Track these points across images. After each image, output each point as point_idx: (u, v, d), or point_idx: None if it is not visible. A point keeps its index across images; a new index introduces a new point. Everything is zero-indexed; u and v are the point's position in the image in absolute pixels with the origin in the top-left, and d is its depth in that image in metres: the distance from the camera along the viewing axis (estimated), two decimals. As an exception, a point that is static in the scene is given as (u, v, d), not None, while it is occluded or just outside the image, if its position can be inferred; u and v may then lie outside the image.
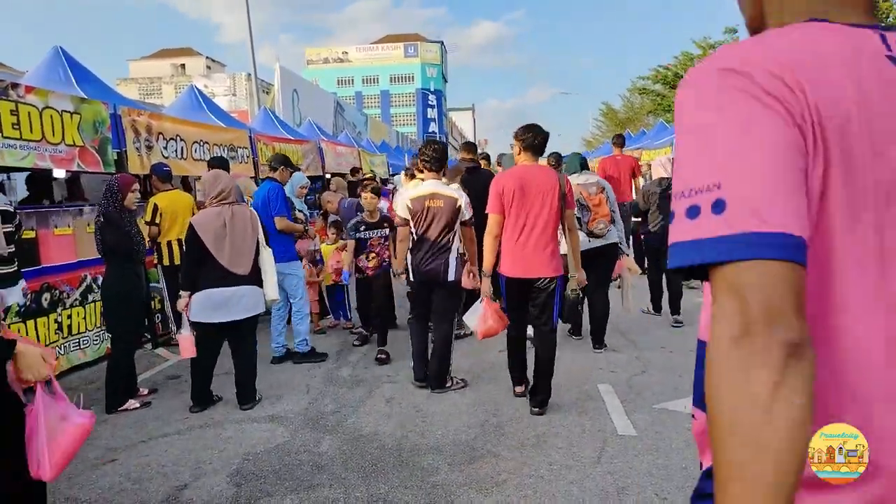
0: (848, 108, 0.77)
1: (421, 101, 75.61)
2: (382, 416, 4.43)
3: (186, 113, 8.87)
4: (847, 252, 0.79)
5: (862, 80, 0.78)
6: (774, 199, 0.72)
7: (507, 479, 3.41)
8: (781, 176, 0.73)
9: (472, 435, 4.03)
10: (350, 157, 13.47)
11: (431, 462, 3.66)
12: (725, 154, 0.75)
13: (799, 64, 0.77)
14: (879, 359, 0.80)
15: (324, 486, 3.41)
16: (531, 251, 4.24)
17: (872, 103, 0.78)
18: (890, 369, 0.80)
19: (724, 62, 0.80)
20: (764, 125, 0.75)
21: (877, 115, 0.78)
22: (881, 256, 0.79)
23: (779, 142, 0.74)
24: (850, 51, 0.80)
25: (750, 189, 0.73)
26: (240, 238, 4.58)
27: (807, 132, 0.76)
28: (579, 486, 3.30)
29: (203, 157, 7.38)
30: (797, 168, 0.74)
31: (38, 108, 5.16)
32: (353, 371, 5.53)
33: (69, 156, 5.50)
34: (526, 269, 4.27)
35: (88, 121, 5.71)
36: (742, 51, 0.81)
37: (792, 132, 0.75)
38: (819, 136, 0.76)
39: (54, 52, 7.17)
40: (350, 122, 25.76)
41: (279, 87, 18.32)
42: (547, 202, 4.22)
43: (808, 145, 0.76)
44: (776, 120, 0.75)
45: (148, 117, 6.66)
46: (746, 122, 0.75)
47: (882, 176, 0.78)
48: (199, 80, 42.80)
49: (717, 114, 0.77)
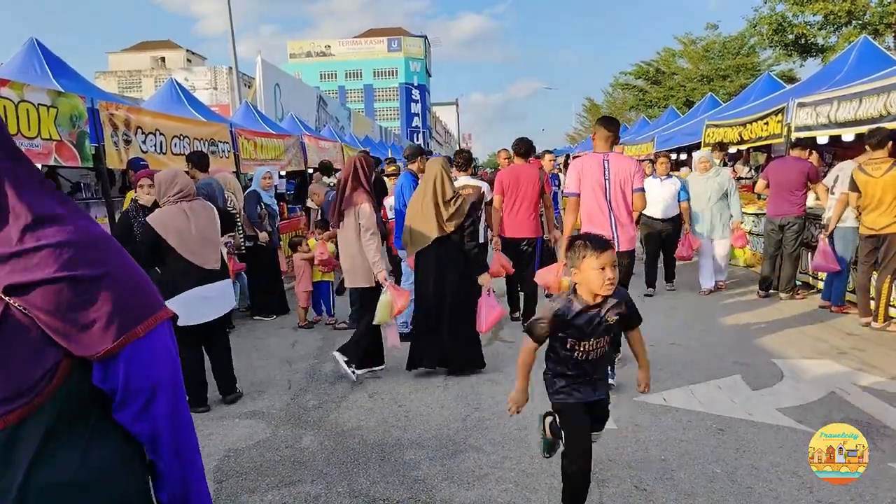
0: (585, 171, 4.93)
1: (404, 96, 75.39)
2: (365, 412, 4.44)
3: (166, 107, 8.77)
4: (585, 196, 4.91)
5: (587, 167, 4.90)
6: (572, 186, 4.90)
7: (488, 473, 3.44)
8: (576, 182, 4.92)
9: (454, 429, 4.05)
10: (333, 152, 13.41)
11: (413, 457, 3.68)
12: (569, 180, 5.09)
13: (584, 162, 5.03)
14: (588, 218, 4.89)
15: (305, 481, 3.41)
16: (521, 220, 6.34)
17: (590, 170, 4.91)
18: (590, 223, 4.84)
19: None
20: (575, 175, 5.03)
21: (587, 171, 4.93)
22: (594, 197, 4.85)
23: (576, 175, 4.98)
24: (594, 160, 4.92)
25: (571, 186, 4.95)
26: (208, 232, 4.48)
27: (582, 174, 4.96)
28: (560, 479, 3.33)
29: (183, 151, 7.29)
30: (578, 180, 4.94)
31: (14, 101, 5.07)
32: (336, 366, 5.52)
33: (46, 150, 5.41)
34: (516, 231, 6.35)
35: (65, 115, 5.63)
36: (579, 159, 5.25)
37: (577, 173, 5.00)
38: (582, 175, 4.93)
39: (30, 45, 7.06)
40: (333, 117, 25.63)
41: (261, 81, 18.15)
42: (531, 188, 6.29)
43: (580, 177, 4.98)
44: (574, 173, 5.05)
45: (126, 111, 6.58)
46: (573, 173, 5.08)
47: (586, 183, 4.93)
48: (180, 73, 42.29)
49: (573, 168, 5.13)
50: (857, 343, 5.67)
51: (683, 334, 6.13)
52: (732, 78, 27.31)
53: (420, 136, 72.68)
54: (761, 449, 3.62)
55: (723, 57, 28.66)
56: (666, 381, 4.80)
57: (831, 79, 8.50)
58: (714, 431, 3.89)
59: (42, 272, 1.05)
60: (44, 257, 1.07)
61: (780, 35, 19.50)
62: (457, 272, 5.06)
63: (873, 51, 8.79)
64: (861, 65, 8.29)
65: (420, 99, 77.36)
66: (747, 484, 3.24)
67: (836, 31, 18.67)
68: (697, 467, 3.43)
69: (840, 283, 6.72)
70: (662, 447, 3.69)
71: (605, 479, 3.32)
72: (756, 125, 9.29)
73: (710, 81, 27.70)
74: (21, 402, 1.04)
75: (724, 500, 3.10)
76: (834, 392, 4.47)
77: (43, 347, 1.06)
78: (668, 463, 3.49)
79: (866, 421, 3.97)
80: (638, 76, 32.58)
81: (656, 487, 3.23)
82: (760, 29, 20.42)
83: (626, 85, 34.58)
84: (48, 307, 1.05)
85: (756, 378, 4.80)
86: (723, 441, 3.75)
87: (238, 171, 8.79)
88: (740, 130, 9.90)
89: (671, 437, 3.83)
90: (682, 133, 13.91)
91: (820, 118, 7.53)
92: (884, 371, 4.89)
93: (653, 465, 3.46)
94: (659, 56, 31.54)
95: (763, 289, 7.67)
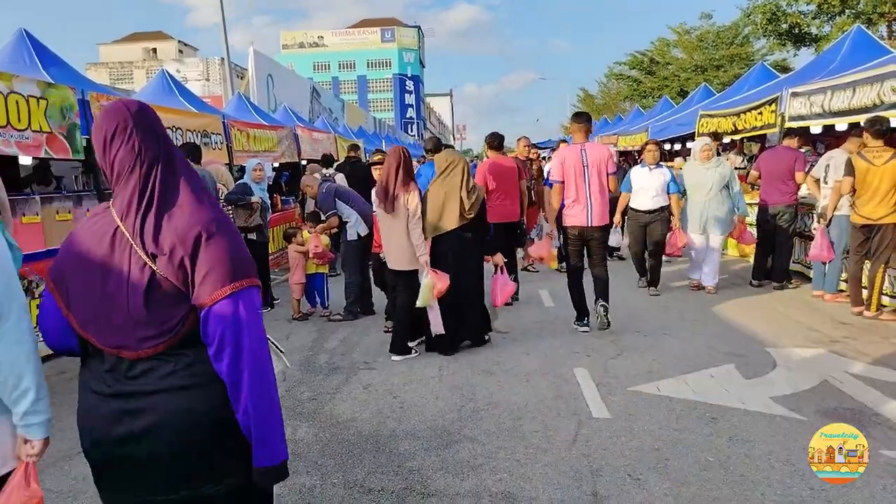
0: (566, 160, 5.85)
1: (398, 87, 75.05)
2: (359, 403, 4.44)
3: (158, 98, 8.71)
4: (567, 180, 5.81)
5: (568, 156, 5.86)
6: (556, 174, 5.82)
7: (482, 464, 3.45)
8: (559, 171, 5.82)
9: (448, 420, 4.06)
10: (326, 143, 13.35)
11: (408, 447, 3.68)
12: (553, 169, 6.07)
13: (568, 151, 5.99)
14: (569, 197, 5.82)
15: (300, 473, 3.41)
16: (507, 207, 6.90)
17: (571, 158, 5.82)
18: (571, 201, 5.79)
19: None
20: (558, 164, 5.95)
21: (568, 159, 5.85)
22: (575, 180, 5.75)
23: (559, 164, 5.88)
24: (574, 149, 5.94)
25: (555, 175, 5.90)
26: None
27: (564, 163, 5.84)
28: (554, 469, 3.35)
29: (175, 143, 7.22)
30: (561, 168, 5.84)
31: (3, 93, 5.02)
32: (331, 358, 5.52)
33: (36, 142, 5.37)
34: (502, 217, 6.77)
35: (56, 106, 5.57)
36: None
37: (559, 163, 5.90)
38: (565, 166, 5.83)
39: (19, 35, 6.98)
40: (326, 108, 25.50)
41: (253, 72, 18.02)
42: (511, 178, 6.94)
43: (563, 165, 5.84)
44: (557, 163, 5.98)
45: (117, 103, 6.52)
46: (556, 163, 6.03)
47: (568, 169, 5.81)
48: (172, 64, 42.00)
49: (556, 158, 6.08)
50: (849, 332, 5.70)
51: (676, 324, 6.15)
52: (726, 68, 27.31)
53: (414, 127, 72.45)
54: (754, 437, 3.64)
55: (717, 47, 28.65)
56: (659, 370, 4.82)
57: (825, 68, 8.51)
58: (707, 420, 3.91)
59: (175, 246, 1.54)
60: (177, 233, 1.55)
61: (773, 24, 19.51)
62: (473, 255, 5.45)
63: (867, 40, 8.80)
64: (855, 54, 8.30)
65: (414, 90, 77.02)
66: (740, 472, 3.26)
67: (830, 20, 18.68)
68: (691, 456, 3.45)
69: (833, 272, 6.75)
70: (656, 436, 3.70)
71: (599, 469, 3.33)
72: (750, 115, 9.30)
73: (705, 71, 27.69)
74: (165, 339, 1.58)
75: (718, 488, 3.12)
76: (826, 380, 4.50)
77: (178, 302, 1.58)
78: (661, 452, 3.51)
79: (858, 409, 4.00)
80: (632, 66, 32.53)
81: (650, 476, 3.24)
82: (754, 18, 20.43)
83: (621, 75, 34.53)
84: (176, 272, 1.55)
85: (749, 367, 4.83)
86: (716, 430, 3.77)
87: (231, 162, 8.75)
88: (734, 120, 9.91)
89: (664, 426, 3.85)
90: (677, 123, 13.93)
91: (814, 108, 7.54)
92: (875, 359, 4.92)
93: (646, 455, 3.48)
94: (653, 46, 31.50)
95: (756, 278, 7.69)
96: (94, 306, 1.60)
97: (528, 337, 5.87)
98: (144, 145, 1.61)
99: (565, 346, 5.53)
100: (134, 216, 1.57)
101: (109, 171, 1.63)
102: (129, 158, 1.59)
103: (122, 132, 1.60)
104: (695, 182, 7.38)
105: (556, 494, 3.10)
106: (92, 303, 1.60)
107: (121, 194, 1.60)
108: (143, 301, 1.55)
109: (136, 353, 1.57)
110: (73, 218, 6.56)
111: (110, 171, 1.62)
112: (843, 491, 3.02)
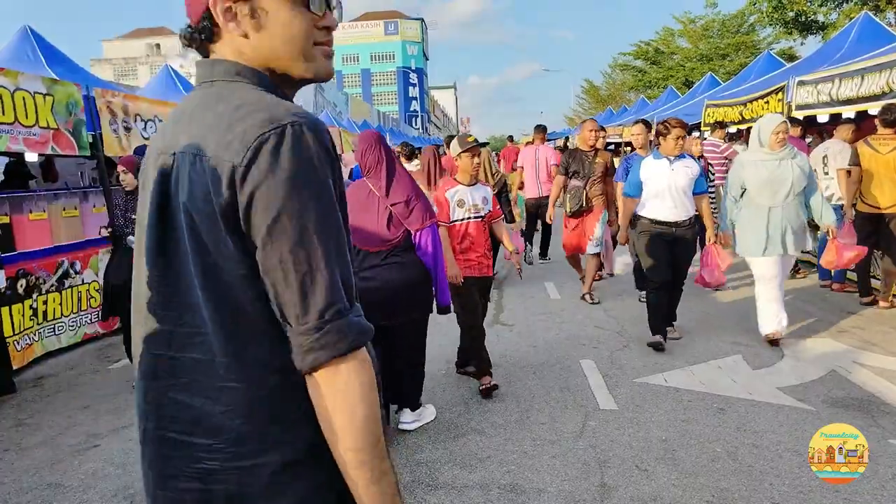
0: (525, 156, 8.89)
1: (402, 80, 74.90)
2: (367, 396, 4.45)
3: (162, 94, 8.72)
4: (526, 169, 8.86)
5: (527, 153, 8.91)
6: (520, 162, 9.02)
7: (490, 456, 3.46)
8: (522, 161, 9.07)
9: (456, 413, 4.07)
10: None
11: (416, 440, 3.69)
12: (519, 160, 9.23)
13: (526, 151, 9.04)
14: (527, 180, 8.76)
15: (309, 466, 3.43)
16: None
17: (529, 155, 8.83)
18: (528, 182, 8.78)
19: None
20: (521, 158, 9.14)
21: (527, 156, 8.82)
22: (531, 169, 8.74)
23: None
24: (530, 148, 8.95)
25: (520, 161, 9.07)
26: None
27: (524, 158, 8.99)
28: (562, 460, 3.36)
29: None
30: (523, 160, 9.03)
31: (10, 90, 5.04)
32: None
33: (43, 139, 5.39)
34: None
35: (61, 102, 5.59)
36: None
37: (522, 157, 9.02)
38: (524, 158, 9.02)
39: (23, 32, 7.00)
40: (330, 102, 25.50)
41: (257, 67, 17.99)
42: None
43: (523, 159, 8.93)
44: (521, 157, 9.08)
45: (123, 98, 6.53)
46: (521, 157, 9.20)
47: (526, 162, 8.78)
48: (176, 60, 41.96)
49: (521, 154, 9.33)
50: (857, 322, 5.68)
51: (683, 315, 6.14)
52: (732, 57, 27.12)
53: (418, 120, 72.35)
54: (762, 428, 3.64)
55: (722, 35, 28.43)
56: (666, 361, 4.82)
57: (832, 56, 8.43)
58: (715, 411, 3.91)
59: (400, 198, 3.50)
60: (402, 192, 3.54)
61: (779, 12, 19.31)
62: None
63: (875, 27, 8.71)
64: (862, 41, 8.22)
65: (418, 83, 76.85)
66: (748, 462, 3.26)
67: (837, 7, 18.50)
68: (698, 447, 3.45)
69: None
70: (663, 427, 3.70)
71: (607, 460, 3.34)
72: (756, 104, 9.23)
73: (710, 61, 27.50)
74: (390, 244, 3.50)
75: (726, 478, 3.12)
76: (834, 370, 4.48)
77: (399, 223, 3.50)
78: (669, 443, 3.51)
79: (866, 398, 3.98)
80: (637, 56, 32.35)
81: (657, 467, 3.25)
82: (760, 6, 20.24)
83: (626, 65, 34.35)
84: (402, 209, 3.50)
85: (756, 357, 4.82)
86: (724, 420, 3.76)
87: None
88: (741, 110, 9.84)
89: (672, 417, 3.85)
90: (682, 113, 13.83)
91: (821, 96, 7.47)
92: (884, 349, 4.90)
93: (654, 446, 3.48)
94: (658, 36, 31.30)
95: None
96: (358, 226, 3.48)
97: (535, 330, 5.88)
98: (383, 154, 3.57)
99: (572, 339, 5.53)
100: (383, 186, 3.53)
101: (364, 167, 3.56)
102: (374, 160, 3.54)
103: (372, 147, 3.56)
104: (762, 179, 4.82)
105: (564, 486, 3.11)
106: (357, 224, 3.47)
107: (375, 177, 3.53)
108: (386, 224, 3.48)
109: (377, 248, 3.49)
110: (80, 214, 6.58)
111: (364, 167, 3.56)
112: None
